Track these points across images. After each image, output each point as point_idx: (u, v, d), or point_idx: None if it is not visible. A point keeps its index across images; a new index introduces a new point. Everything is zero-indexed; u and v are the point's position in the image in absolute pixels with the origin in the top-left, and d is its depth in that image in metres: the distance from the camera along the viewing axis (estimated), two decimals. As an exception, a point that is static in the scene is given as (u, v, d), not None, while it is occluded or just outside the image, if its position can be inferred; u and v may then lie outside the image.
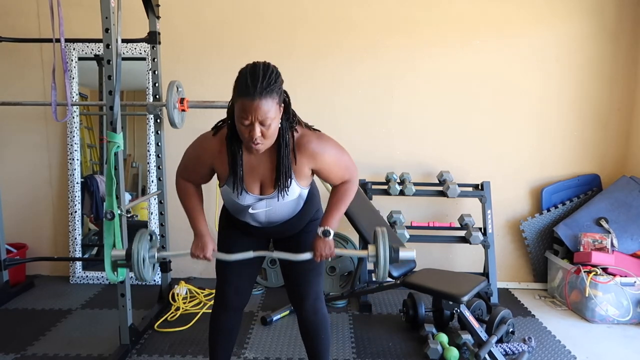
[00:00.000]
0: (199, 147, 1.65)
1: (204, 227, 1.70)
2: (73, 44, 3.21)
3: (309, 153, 1.57)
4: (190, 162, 1.68)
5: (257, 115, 1.39)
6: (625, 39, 3.23)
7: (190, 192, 1.71)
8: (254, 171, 1.59)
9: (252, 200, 1.62)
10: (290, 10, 3.24)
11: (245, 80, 1.39)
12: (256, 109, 1.39)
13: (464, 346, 2.40)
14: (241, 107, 1.41)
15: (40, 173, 3.37)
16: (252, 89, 1.37)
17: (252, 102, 1.38)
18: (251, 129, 1.42)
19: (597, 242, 2.96)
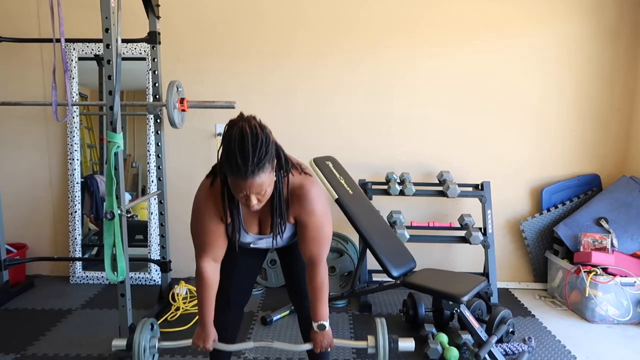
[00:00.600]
0: (204, 207, 1.59)
1: (210, 318, 1.67)
2: (73, 44, 3.21)
3: (302, 205, 1.58)
4: (204, 231, 1.60)
5: (252, 190, 1.40)
6: (625, 39, 3.23)
7: (209, 283, 1.63)
8: (252, 214, 1.63)
9: (252, 239, 1.68)
10: (290, 10, 3.24)
11: (235, 159, 1.33)
12: (250, 186, 1.38)
13: (464, 346, 2.40)
14: (234, 183, 1.40)
15: (40, 173, 3.38)
16: (244, 169, 1.34)
17: (245, 182, 1.37)
18: (247, 199, 1.43)
19: (597, 242, 2.96)
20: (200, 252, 1.63)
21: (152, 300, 2.99)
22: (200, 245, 1.62)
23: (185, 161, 3.34)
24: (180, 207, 3.36)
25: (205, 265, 1.62)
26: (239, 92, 3.28)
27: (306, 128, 3.34)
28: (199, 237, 1.61)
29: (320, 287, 1.65)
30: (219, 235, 1.61)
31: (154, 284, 3.31)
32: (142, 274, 3.34)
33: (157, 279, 3.33)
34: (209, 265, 1.63)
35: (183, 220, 3.37)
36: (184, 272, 3.44)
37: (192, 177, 3.36)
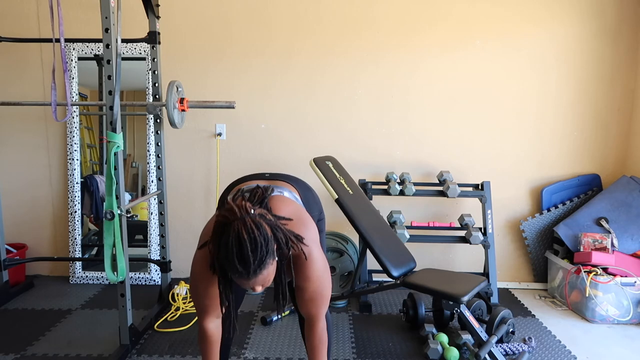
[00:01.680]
0: (203, 278, 1.52)
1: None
2: (73, 44, 3.21)
3: (299, 272, 1.54)
4: (205, 297, 1.55)
5: (257, 283, 1.37)
6: (626, 39, 3.23)
7: (213, 340, 1.62)
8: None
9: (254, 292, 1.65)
10: (291, 12, 3.24)
11: (235, 266, 1.29)
12: (254, 282, 1.36)
13: (464, 346, 2.40)
14: (239, 282, 1.37)
15: (40, 173, 3.38)
16: (246, 274, 1.31)
17: (249, 281, 1.35)
18: (252, 289, 1.40)
19: (598, 242, 2.96)
20: (202, 314, 1.59)
21: (152, 300, 2.99)
22: (202, 308, 1.58)
23: (185, 161, 3.34)
24: (180, 207, 3.37)
25: (209, 324, 1.60)
26: (239, 92, 3.28)
27: (306, 128, 3.34)
28: (200, 301, 1.57)
29: (319, 344, 1.62)
30: (215, 298, 1.55)
31: (154, 284, 3.31)
32: (142, 274, 3.34)
33: (157, 279, 3.33)
34: (212, 323, 1.60)
35: (183, 220, 3.40)
36: (184, 272, 3.44)
37: (192, 177, 3.37)
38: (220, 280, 1.45)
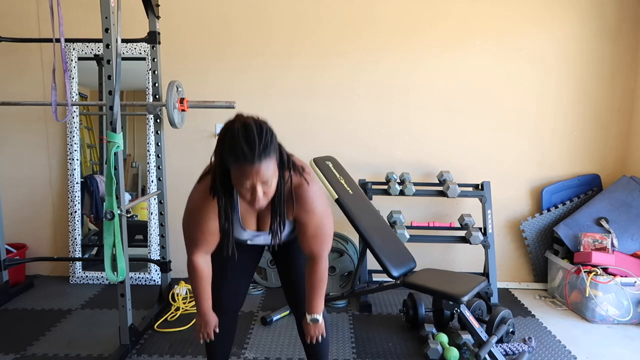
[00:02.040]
0: (200, 209, 1.55)
1: (208, 305, 1.70)
2: (73, 44, 3.21)
3: (301, 204, 1.55)
4: (198, 230, 1.58)
5: (259, 179, 1.36)
6: (626, 39, 3.23)
7: (203, 275, 1.65)
8: (250, 210, 1.61)
9: (250, 235, 1.66)
10: (292, 12, 3.23)
11: (241, 145, 1.31)
12: (257, 173, 1.35)
13: (464, 346, 2.40)
14: (241, 173, 1.36)
15: (40, 173, 3.37)
16: (251, 156, 1.31)
17: (252, 167, 1.34)
18: (253, 192, 1.39)
19: (598, 242, 2.96)
20: (192, 248, 1.62)
21: (152, 300, 2.99)
22: (194, 241, 1.61)
23: (185, 161, 3.34)
24: (180, 207, 3.34)
25: (198, 259, 1.63)
26: (239, 92, 3.28)
27: (307, 128, 3.33)
28: (193, 234, 1.60)
29: (319, 282, 1.66)
30: (213, 233, 1.59)
31: (154, 284, 3.31)
32: (142, 274, 3.34)
33: (157, 279, 3.33)
34: (202, 258, 1.63)
35: (183, 220, 3.39)
36: (184, 272, 3.41)
37: (192, 177, 3.34)
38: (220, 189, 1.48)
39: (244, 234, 1.65)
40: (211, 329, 1.70)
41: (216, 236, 1.60)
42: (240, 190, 1.41)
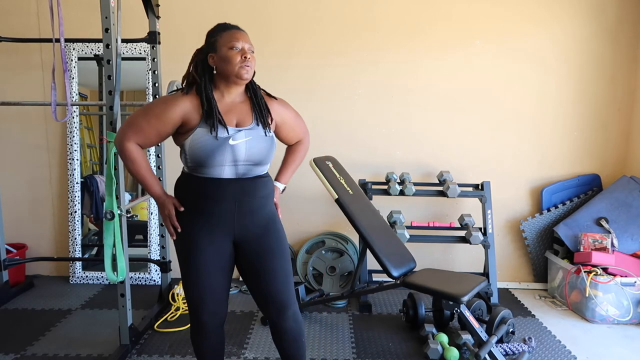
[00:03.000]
0: (169, 104, 1.59)
1: (158, 186, 1.70)
2: (73, 44, 3.21)
3: (277, 102, 1.76)
4: (152, 121, 1.59)
5: (246, 40, 1.64)
6: (625, 39, 3.23)
7: (142, 156, 1.64)
8: (229, 112, 1.64)
9: (232, 131, 1.61)
10: (292, 13, 3.23)
11: (225, 23, 1.67)
12: (244, 36, 1.63)
13: (464, 346, 2.40)
14: (232, 36, 1.61)
15: (40, 173, 3.37)
16: (236, 26, 1.66)
17: (241, 32, 1.64)
18: (243, 51, 1.61)
19: (597, 242, 2.96)
20: (128, 133, 1.60)
21: (152, 300, 2.99)
22: (133, 126, 1.60)
23: (185, 161, 3.33)
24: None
25: (132, 146, 1.61)
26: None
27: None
28: (138, 120, 1.60)
29: (299, 155, 1.91)
30: (159, 130, 1.60)
31: (154, 284, 3.31)
32: (142, 274, 3.34)
33: (157, 279, 3.33)
34: (136, 147, 1.62)
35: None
36: (184, 272, 3.44)
37: (192, 177, 3.37)
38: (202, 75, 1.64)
39: (224, 132, 1.59)
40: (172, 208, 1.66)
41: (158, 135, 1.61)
42: (229, 54, 1.59)
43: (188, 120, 1.59)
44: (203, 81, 1.63)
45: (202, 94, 1.60)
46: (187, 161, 1.63)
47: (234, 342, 2.51)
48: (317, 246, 3.33)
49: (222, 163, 1.59)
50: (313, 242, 3.35)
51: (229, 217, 1.64)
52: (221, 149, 1.58)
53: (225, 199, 1.62)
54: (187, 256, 1.65)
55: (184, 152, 1.62)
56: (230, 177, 1.62)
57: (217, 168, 1.60)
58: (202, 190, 1.62)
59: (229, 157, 1.59)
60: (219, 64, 1.62)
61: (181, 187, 1.70)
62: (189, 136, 1.58)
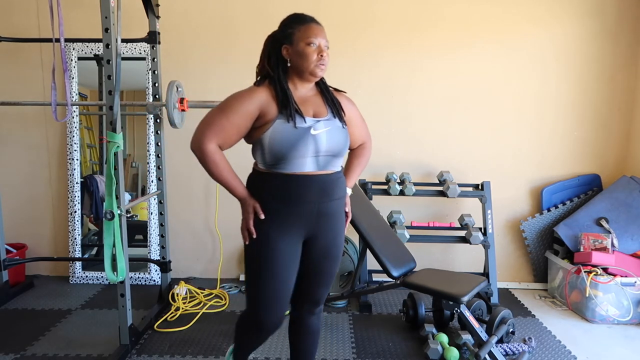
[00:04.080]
0: (246, 97, 1.54)
1: (244, 189, 1.63)
2: (73, 44, 3.21)
3: (345, 98, 1.73)
4: (232, 117, 1.53)
5: (323, 36, 1.58)
6: (625, 39, 3.23)
7: (224, 158, 1.57)
8: (304, 103, 1.60)
9: (311, 122, 1.56)
10: (292, 10, 3.23)
11: (302, 14, 1.61)
12: (322, 32, 1.58)
13: (464, 346, 2.40)
14: (310, 30, 1.56)
15: (40, 173, 3.37)
16: (313, 18, 1.61)
17: (318, 26, 1.59)
18: (320, 49, 1.56)
19: (598, 242, 2.96)
20: (208, 133, 1.54)
21: (152, 300, 2.99)
22: (213, 125, 1.54)
23: (185, 161, 3.33)
24: (180, 207, 3.37)
25: (214, 147, 1.55)
26: (239, 92, 3.27)
27: (306, 128, 3.33)
28: (217, 119, 1.54)
29: (363, 159, 1.87)
30: (239, 126, 1.55)
31: (154, 284, 3.31)
32: (141, 274, 3.34)
33: (156, 279, 3.33)
34: (217, 148, 1.56)
35: (183, 220, 3.39)
36: (183, 272, 3.44)
37: (192, 177, 3.37)
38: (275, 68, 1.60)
39: (302, 122, 1.54)
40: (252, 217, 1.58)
41: (238, 134, 1.56)
42: (306, 51, 1.55)
43: (265, 113, 1.54)
44: (276, 73, 1.59)
45: (277, 85, 1.57)
46: (265, 157, 1.56)
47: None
48: (317, 246, 3.33)
49: (305, 154, 1.54)
50: (313, 242, 3.34)
51: (308, 219, 1.60)
52: (304, 139, 1.53)
53: (306, 200, 1.58)
54: (262, 258, 1.59)
55: (260, 148, 1.56)
56: (311, 172, 1.57)
57: (299, 160, 1.54)
58: (282, 190, 1.57)
59: (311, 148, 1.54)
60: (294, 58, 1.58)
61: (256, 186, 1.62)
62: (267, 129, 1.53)
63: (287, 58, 1.59)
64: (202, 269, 3.46)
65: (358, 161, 1.85)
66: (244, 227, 1.60)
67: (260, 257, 1.59)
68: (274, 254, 1.58)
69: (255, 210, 1.58)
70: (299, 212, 1.58)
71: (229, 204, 3.36)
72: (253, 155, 1.62)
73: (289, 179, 1.56)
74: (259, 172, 1.62)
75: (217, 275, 3.40)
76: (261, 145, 1.55)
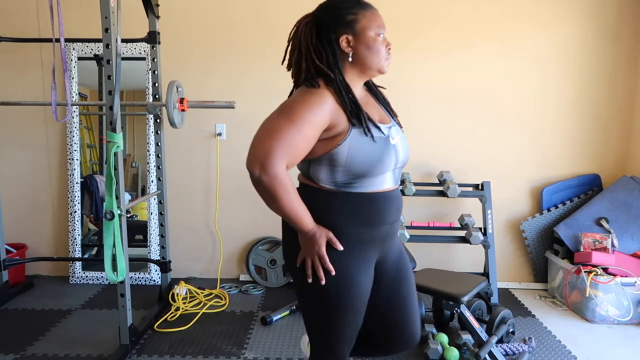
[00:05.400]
0: (317, 105, 1.23)
1: (309, 216, 1.28)
2: (73, 44, 3.21)
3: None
4: (305, 131, 1.22)
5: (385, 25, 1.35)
6: (626, 39, 3.23)
7: (291, 184, 1.24)
8: (366, 107, 1.36)
9: (386, 129, 1.33)
10: (293, 13, 3.23)
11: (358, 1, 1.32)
12: (383, 20, 1.35)
13: (464, 346, 2.40)
14: (377, 19, 1.32)
15: (40, 173, 3.37)
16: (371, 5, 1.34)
17: (378, 12, 1.35)
18: (387, 42, 1.35)
19: (598, 242, 2.96)
20: (279, 151, 1.19)
21: (152, 300, 2.99)
22: (284, 142, 1.20)
23: (185, 161, 3.34)
24: (180, 207, 3.37)
25: (283, 169, 1.21)
26: (240, 92, 3.28)
27: (306, 128, 3.33)
28: (287, 132, 1.20)
29: None
30: (310, 142, 1.24)
31: (154, 284, 3.31)
32: (141, 274, 3.34)
33: (156, 279, 3.33)
34: (285, 169, 1.23)
35: (183, 220, 3.39)
36: (183, 273, 3.44)
37: (192, 177, 3.37)
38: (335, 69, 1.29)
39: (376, 130, 1.29)
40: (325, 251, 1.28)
41: (311, 145, 1.25)
42: (377, 43, 1.31)
43: (336, 123, 1.26)
44: (337, 73, 1.29)
45: (341, 89, 1.27)
46: (337, 175, 1.28)
47: (234, 342, 2.51)
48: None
49: (387, 168, 1.31)
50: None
51: (382, 242, 1.37)
52: (387, 151, 1.29)
53: (387, 221, 1.35)
54: (341, 296, 1.31)
55: (329, 165, 1.27)
56: (390, 188, 1.35)
57: (381, 176, 1.31)
58: (363, 212, 1.30)
59: (393, 160, 1.31)
60: (360, 52, 1.31)
61: (324, 210, 1.31)
62: (341, 142, 1.25)
63: (348, 52, 1.31)
64: (202, 269, 3.47)
65: None
66: (311, 264, 1.30)
67: (338, 294, 1.30)
68: (354, 289, 1.31)
69: (330, 241, 1.29)
70: (379, 235, 1.34)
71: (229, 204, 3.37)
72: (308, 171, 1.33)
73: (371, 198, 1.30)
74: (326, 191, 1.30)
75: (217, 275, 3.40)
76: (332, 161, 1.27)
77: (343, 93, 1.27)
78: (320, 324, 1.35)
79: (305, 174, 1.36)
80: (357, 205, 1.30)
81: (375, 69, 1.35)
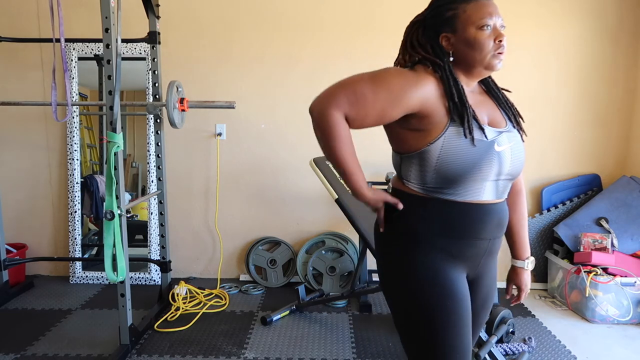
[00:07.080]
0: (410, 78, 1.13)
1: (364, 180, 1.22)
2: (73, 44, 3.21)
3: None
4: (381, 92, 1.11)
5: (498, 13, 1.18)
6: (626, 39, 3.23)
7: (348, 134, 1.15)
8: (477, 106, 1.21)
9: (493, 134, 1.16)
10: (293, 14, 3.23)
11: None
12: (495, 7, 1.17)
13: (464, 346, 2.40)
14: (481, 9, 1.16)
15: (40, 173, 3.38)
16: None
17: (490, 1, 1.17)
18: (496, 32, 1.17)
19: (598, 242, 2.96)
20: (340, 97, 1.14)
21: (152, 300, 2.99)
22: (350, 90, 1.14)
23: (185, 161, 3.34)
24: (180, 207, 3.37)
25: (340, 116, 1.14)
26: (239, 92, 3.28)
27: (307, 129, 3.33)
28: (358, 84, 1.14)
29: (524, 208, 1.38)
30: (384, 110, 1.13)
31: (154, 284, 3.31)
32: (142, 274, 3.34)
33: (157, 279, 3.33)
34: (342, 119, 1.14)
35: (183, 220, 3.40)
36: (183, 272, 3.44)
37: (192, 177, 3.37)
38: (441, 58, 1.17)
39: (482, 134, 1.15)
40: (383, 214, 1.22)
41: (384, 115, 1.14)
42: (479, 38, 1.16)
43: (428, 113, 1.13)
44: (446, 62, 1.17)
45: (449, 78, 1.15)
46: (426, 177, 1.17)
47: (234, 342, 2.51)
48: (317, 246, 3.33)
49: (486, 177, 1.16)
50: (313, 242, 3.35)
51: (475, 260, 1.25)
52: (487, 157, 1.14)
53: (482, 237, 1.21)
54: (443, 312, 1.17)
55: (420, 163, 1.17)
56: (490, 200, 1.19)
57: (477, 185, 1.16)
58: (452, 222, 1.18)
59: (494, 169, 1.16)
60: (461, 49, 1.18)
61: (412, 215, 1.21)
62: (434, 140, 1.13)
63: (449, 50, 1.19)
64: (202, 269, 3.47)
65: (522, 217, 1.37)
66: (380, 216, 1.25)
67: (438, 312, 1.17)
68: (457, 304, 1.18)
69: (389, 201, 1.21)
70: (470, 251, 1.21)
71: (229, 204, 3.37)
72: (400, 169, 1.25)
73: (463, 208, 1.17)
74: (413, 195, 1.21)
75: (217, 275, 3.40)
76: (423, 160, 1.15)
77: (451, 83, 1.15)
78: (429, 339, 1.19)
79: (397, 171, 1.27)
80: (446, 214, 1.18)
81: (481, 67, 1.20)
